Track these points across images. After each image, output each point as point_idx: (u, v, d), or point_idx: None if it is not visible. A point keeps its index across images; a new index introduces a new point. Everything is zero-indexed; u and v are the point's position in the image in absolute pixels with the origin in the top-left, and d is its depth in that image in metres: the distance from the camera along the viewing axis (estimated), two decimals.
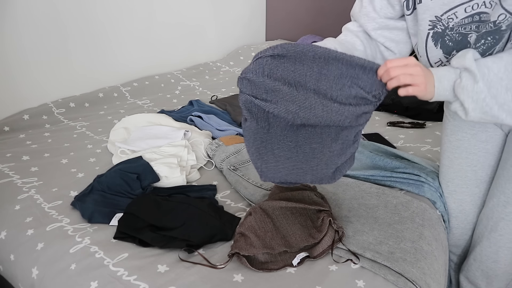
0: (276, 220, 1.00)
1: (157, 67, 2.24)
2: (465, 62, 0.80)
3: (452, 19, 0.86)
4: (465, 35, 0.87)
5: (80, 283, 0.90)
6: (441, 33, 0.89)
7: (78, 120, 1.71)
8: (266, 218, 0.99)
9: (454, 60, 0.83)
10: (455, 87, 0.81)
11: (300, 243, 0.95)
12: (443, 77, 0.83)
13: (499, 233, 1.06)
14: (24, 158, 1.39)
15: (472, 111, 0.81)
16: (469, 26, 0.86)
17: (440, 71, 0.84)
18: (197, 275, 0.90)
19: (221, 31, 2.58)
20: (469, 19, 0.84)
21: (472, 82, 0.79)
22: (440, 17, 0.86)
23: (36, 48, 1.71)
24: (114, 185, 1.17)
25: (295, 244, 0.95)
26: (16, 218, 1.11)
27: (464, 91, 0.80)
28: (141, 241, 0.99)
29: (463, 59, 0.81)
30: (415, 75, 0.79)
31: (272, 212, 1.01)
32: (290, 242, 0.96)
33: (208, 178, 1.30)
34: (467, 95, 0.80)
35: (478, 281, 1.14)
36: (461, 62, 0.81)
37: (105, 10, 1.92)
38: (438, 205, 1.16)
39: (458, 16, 0.85)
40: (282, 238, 0.96)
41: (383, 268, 0.91)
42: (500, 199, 1.04)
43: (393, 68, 0.79)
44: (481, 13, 0.83)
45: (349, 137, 0.84)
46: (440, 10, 0.86)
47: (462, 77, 0.81)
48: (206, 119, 1.62)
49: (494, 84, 0.79)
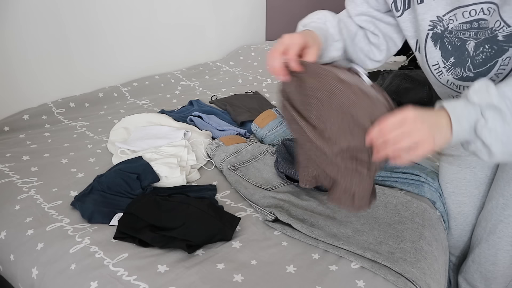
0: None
1: (157, 67, 2.24)
2: (491, 99, 0.68)
3: (452, 21, 0.85)
4: (463, 41, 0.85)
5: (80, 283, 0.90)
6: (441, 34, 0.88)
7: (78, 120, 1.71)
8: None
9: (473, 94, 0.70)
10: (479, 129, 0.69)
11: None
12: (461, 117, 0.70)
13: (498, 236, 1.06)
14: (24, 158, 1.39)
15: (500, 154, 0.70)
16: (468, 33, 0.84)
17: (457, 108, 0.70)
18: (197, 275, 0.90)
19: (221, 31, 2.58)
20: (468, 25, 0.83)
21: (501, 124, 0.68)
22: (442, 17, 0.85)
23: (36, 48, 1.71)
24: (114, 185, 1.17)
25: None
26: (16, 218, 1.11)
27: (492, 133, 0.68)
28: (141, 241, 0.99)
29: (487, 95, 0.69)
30: (414, 134, 0.67)
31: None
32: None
33: (208, 178, 1.30)
34: (496, 139, 0.68)
35: (477, 283, 1.14)
36: (486, 99, 0.69)
37: (105, 10, 1.92)
38: (438, 205, 1.16)
39: (457, 19, 0.84)
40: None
41: (383, 268, 0.91)
42: (499, 202, 1.04)
43: (387, 133, 0.67)
44: (480, 19, 0.80)
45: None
46: (443, 10, 0.84)
47: (488, 117, 0.68)
48: (206, 119, 1.62)
49: None
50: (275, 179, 1.26)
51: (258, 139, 1.55)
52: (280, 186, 1.22)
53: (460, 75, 0.89)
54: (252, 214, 1.12)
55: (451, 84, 0.94)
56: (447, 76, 0.92)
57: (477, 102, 0.69)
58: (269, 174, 1.28)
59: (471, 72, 0.87)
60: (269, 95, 2.02)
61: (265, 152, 1.38)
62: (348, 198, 0.81)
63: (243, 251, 0.98)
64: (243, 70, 2.41)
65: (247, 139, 1.50)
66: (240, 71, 2.40)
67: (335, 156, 0.75)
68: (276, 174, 1.28)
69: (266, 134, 1.52)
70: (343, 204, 0.83)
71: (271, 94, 2.04)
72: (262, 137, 1.52)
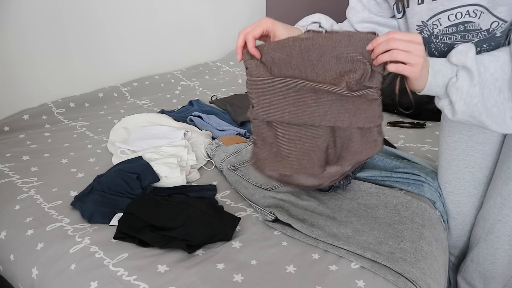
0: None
1: (157, 67, 2.24)
2: (466, 60, 0.75)
3: (436, 26, 0.85)
4: (450, 46, 0.86)
5: (80, 283, 0.90)
6: (427, 38, 0.88)
7: (78, 120, 1.71)
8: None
9: (454, 55, 0.77)
10: (449, 86, 0.77)
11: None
12: (438, 72, 0.77)
13: (496, 235, 1.06)
14: (24, 158, 1.39)
15: (461, 114, 0.77)
16: (454, 36, 0.84)
17: (437, 64, 0.78)
18: (197, 275, 0.90)
19: (221, 31, 2.58)
20: (453, 29, 0.83)
21: (468, 84, 0.75)
22: (426, 22, 0.85)
23: (36, 48, 1.71)
24: (114, 185, 1.17)
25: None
26: (16, 218, 1.11)
27: (459, 92, 0.76)
28: (141, 241, 0.99)
29: (464, 57, 0.76)
30: (413, 53, 0.71)
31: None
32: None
33: (208, 178, 1.30)
34: (460, 97, 0.76)
35: (476, 282, 1.14)
36: (462, 60, 0.76)
37: (105, 10, 1.92)
38: (438, 205, 1.16)
39: (442, 24, 0.83)
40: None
41: (383, 268, 0.91)
42: (497, 201, 1.04)
43: (393, 39, 0.71)
44: (466, 22, 0.81)
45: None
46: (426, 15, 0.85)
47: (459, 76, 0.76)
48: (206, 119, 1.62)
49: (488, 84, 0.75)
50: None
51: None
52: (280, 186, 1.22)
53: None
54: (252, 214, 1.12)
55: None
56: None
57: (454, 62, 0.76)
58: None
59: None
60: None
61: None
62: (369, 139, 0.83)
63: (243, 251, 0.98)
64: (243, 70, 2.39)
65: (247, 139, 1.50)
66: (240, 71, 2.40)
67: (345, 88, 0.79)
68: None
69: None
70: (369, 149, 0.84)
71: None
72: None
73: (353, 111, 0.83)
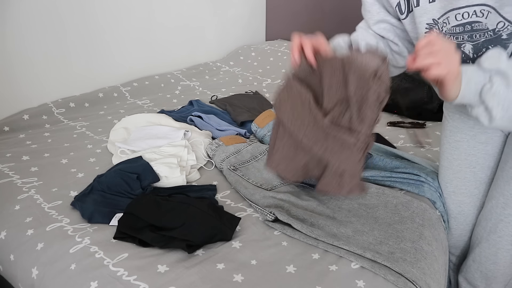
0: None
1: (157, 67, 2.24)
2: (499, 64, 0.74)
3: (445, 24, 0.84)
4: (458, 46, 0.85)
5: (80, 283, 0.90)
6: None
7: (78, 120, 1.71)
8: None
9: (485, 60, 0.77)
10: (484, 92, 0.74)
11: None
12: (471, 79, 0.75)
13: (498, 235, 1.06)
14: (24, 158, 1.39)
15: (500, 119, 0.75)
16: (461, 36, 0.84)
17: (469, 71, 0.76)
18: (197, 275, 0.90)
19: (221, 31, 2.58)
20: (461, 28, 0.82)
21: (505, 88, 0.73)
22: (438, 20, 0.85)
23: (36, 48, 1.71)
24: (114, 185, 1.17)
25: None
26: (16, 218, 1.11)
27: (495, 97, 0.73)
28: (141, 241, 0.99)
29: (497, 61, 0.74)
30: (450, 62, 0.72)
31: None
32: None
33: (208, 178, 1.30)
34: (498, 102, 0.74)
35: (477, 282, 1.14)
36: (495, 64, 0.74)
37: (105, 10, 1.92)
38: (438, 205, 1.16)
39: (450, 23, 0.83)
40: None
41: (383, 268, 0.91)
42: (499, 201, 1.04)
43: (434, 48, 0.72)
44: (473, 22, 0.80)
45: None
46: (438, 13, 0.84)
47: (494, 81, 0.73)
48: (206, 119, 1.62)
49: None
50: (275, 179, 1.26)
51: (258, 139, 1.55)
52: (280, 186, 1.22)
53: None
54: (252, 214, 1.12)
55: None
56: None
57: (487, 68, 0.74)
58: (269, 174, 1.28)
59: None
60: (269, 95, 2.02)
61: (265, 152, 1.38)
62: (337, 181, 0.84)
63: (243, 251, 0.98)
64: (243, 70, 2.41)
65: (247, 139, 1.50)
66: (240, 71, 2.40)
67: (328, 122, 0.80)
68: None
69: (266, 134, 1.52)
70: (333, 189, 0.86)
71: (271, 94, 2.04)
72: (262, 137, 1.52)
73: (329, 147, 0.84)
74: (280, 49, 2.52)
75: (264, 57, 2.48)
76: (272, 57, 2.45)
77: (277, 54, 2.47)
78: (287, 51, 2.48)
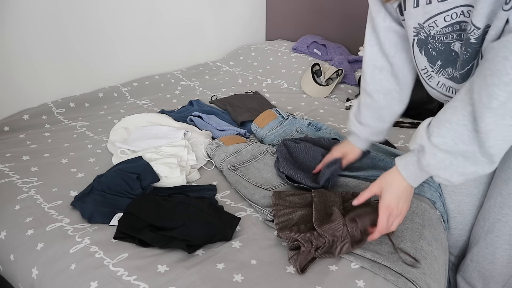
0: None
1: (157, 67, 2.24)
2: (420, 140, 0.81)
3: (433, 27, 0.85)
4: (447, 44, 0.86)
5: (80, 283, 0.90)
6: (424, 40, 0.89)
7: (78, 120, 1.71)
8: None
9: (410, 142, 0.85)
10: (423, 168, 0.82)
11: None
12: (407, 164, 0.86)
13: (496, 234, 1.06)
14: (24, 158, 1.39)
15: (452, 178, 0.80)
16: (451, 35, 0.84)
17: (403, 159, 0.87)
18: (197, 275, 0.90)
19: (221, 31, 2.58)
20: (450, 28, 0.83)
21: (431, 157, 0.80)
22: (423, 24, 0.86)
23: (36, 48, 1.71)
24: (114, 185, 1.17)
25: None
26: (16, 218, 1.11)
27: (431, 167, 0.81)
28: (141, 241, 0.99)
29: (414, 138, 0.83)
30: (396, 220, 0.90)
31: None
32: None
33: (208, 178, 1.30)
34: (436, 169, 0.80)
35: (475, 282, 1.14)
36: (416, 141, 0.83)
37: (105, 10, 1.92)
38: (438, 205, 1.16)
39: (438, 25, 0.84)
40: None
41: (383, 268, 0.91)
42: (497, 201, 1.04)
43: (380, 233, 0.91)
44: (461, 22, 0.81)
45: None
46: (422, 18, 0.86)
47: (420, 157, 0.82)
48: (206, 119, 1.62)
49: (452, 146, 0.77)
50: (275, 179, 1.26)
51: (258, 139, 1.55)
52: (280, 186, 1.22)
53: (452, 75, 0.90)
54: (252, 214, 1.12)
55: (441, 86, 0.95)
56: (438, 78, 0.94)
57: (413, 147, 0.85)
58: (269, 174, 1.28)
59: (458, 73, 0.88)
60: (269, 95, 2.02)
61: (265, 152, 1.38)
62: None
63: (243, 251, 0.98)
64: (243, 70, 2.41)
65: (247, 139, 1.50)
66: (240, 71, 2.40)
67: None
68: (276, 174, 1.28)
69: (266, 134, 1.52)
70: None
71: (271, 94, 2.04)
72: (262, 137, 1.52)
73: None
74: (280, 49, 2.52)
75: (264, 57, 2.48)
76: (272, 57, 2.45)
77: (277, 54, 2.47)
78: (287, 51, 2.48)
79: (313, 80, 2.08)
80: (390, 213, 0.90)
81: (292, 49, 2.48)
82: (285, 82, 2.21)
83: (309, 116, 1.78)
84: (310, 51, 2.42)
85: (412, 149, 0.85)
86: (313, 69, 2.15)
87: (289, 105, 1.90)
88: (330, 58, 2.33)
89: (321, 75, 2.16)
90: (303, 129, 1.52)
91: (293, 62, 2.35)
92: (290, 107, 1.88)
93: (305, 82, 2.12)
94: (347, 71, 2.17)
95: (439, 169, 0.80)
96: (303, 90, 2.11)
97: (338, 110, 1.87)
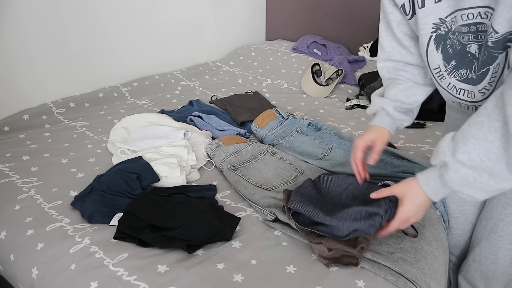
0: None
1: (157, 67, 2.24)
2: (443, 156, 0.79)
3: (454, 22, 0.85)
4: (464, 45, 0.86)
5: (80, 283, 0.90)
6: (444, 35, 0.88)
7: (78, 120, 1.71)
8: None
9: (431, 157, 0.84)
10: (446, 184, 0.81)
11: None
12: (428, 179, 0.84)
13: (499, 234, 1.05)
14: (24, 158, 1.39)
15: (476, 195, 0.78)
16: (467, 36, 0.84)
17: (424, 174, 0.86)
18: (197, 275, 0.90)
19: (221, 31, 2.58)
20: (466, 29, 0.83)
21: (454, 173, 0.78)
22: (445, 19, 0.85)
23: (36, 48, 1.71)
24: (114, 185, 1.17)
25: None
26: (16, 218, 1.11)
27: (454, 183, 0.79)
28: (141, 241, 0.99)
29: (437, 153, 0.81)
30: (412, 220, 0.90)
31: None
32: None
33: (208, 178, 1.30)
34: (459, 185, 0.78)
35: (477, 282, 1.14)
36: (439, 157, 0.80)
37: (105, 10, 1.92)
38: (438, 205, 1.16)
39: (458, 22, 0.84)
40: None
41: (383, 268, 0.91)
42: (500, 200, 1.03)
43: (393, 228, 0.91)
44: (478, 23, 0.80)
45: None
46: (444, 12, 0.84)
47: (443, 172, 0.80)
48: (206, 119, 1.62)
49: (478, 163, 0.74)
50: (275, 179, 1.26)
51: (258, 139, 1.55)
52: (280, 186, 1.22)
53: (465, 77, 0.90)
54: (252, 214, 1.12)
55: (451, 88, 0.94)
56: (449, 79, 0.93)
57: (435, 163, 0.83)
58: (269, 174, 1.28)
59: (475, 74, 0.87)
60: (269, 95, 2.02)
61: (265, 152, 1.38)
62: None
63: (243, 251, 0.98)
64: (243, 70, 2.41)
65: (247, 139, 1.50)
66: (240, 71, 2.40)
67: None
68: (276, 174, 1.28)
69: (266, 134, 1.52)
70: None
71: (271, 94, 2.04)
72: (262, 137, 1.52)
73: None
74: (280, 49, 2.52)
75: (264, 57, 2.48)
76: (272, 57, 2.45)
77: (277, 54, 2.47)
78: (287, 51, 2.48)
79: (313, 80, 2.08)
80: (407, 220, 0.90)
81: (292, 49, 2.49)
82: (285, 82, 2.21)
83: (309, 116, 1.78)
84: (310, 51, 2.42)
85: (434, 165, 0.84)
86: (313, 69, 2.15)
87: (289, 105, 1.91)
88: (330, 58, 2.33)
89: (321, 75, 2.16)
90: (303, 129, 1.52)
91: (293, 62, 2.35)
92: (290, 107, 1.88)
93: (305, 82, 2.12)
94: (347, 71, 2.17)
95: (463, 186, 0.78)
96: (303, 90, 2.11)
97: (338, 110, 1.87)
